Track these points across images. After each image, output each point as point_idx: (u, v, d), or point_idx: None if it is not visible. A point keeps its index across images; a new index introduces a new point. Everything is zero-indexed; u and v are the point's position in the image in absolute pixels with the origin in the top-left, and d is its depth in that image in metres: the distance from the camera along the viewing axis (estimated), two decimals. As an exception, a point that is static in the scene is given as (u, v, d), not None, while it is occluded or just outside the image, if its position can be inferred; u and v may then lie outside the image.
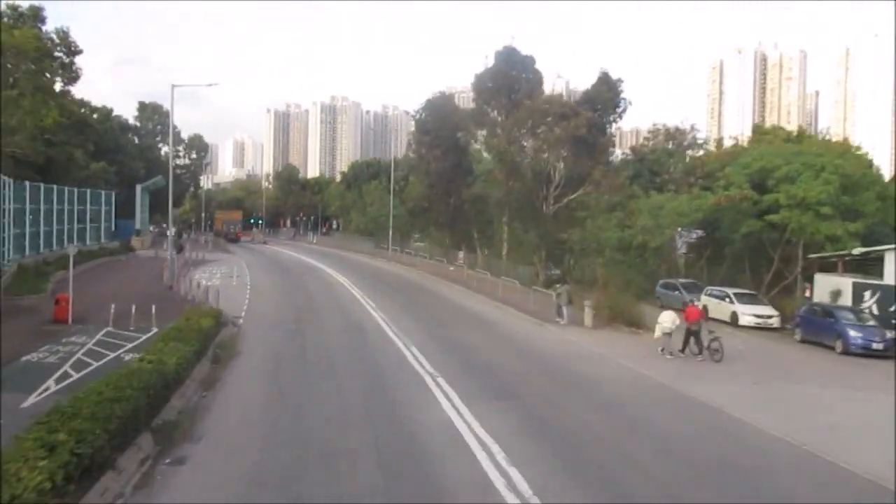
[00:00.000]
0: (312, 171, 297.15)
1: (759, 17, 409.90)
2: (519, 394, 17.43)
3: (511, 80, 43.59)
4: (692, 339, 23.96)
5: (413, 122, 53.39)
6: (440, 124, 49.15)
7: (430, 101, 51.24)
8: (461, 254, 51.14)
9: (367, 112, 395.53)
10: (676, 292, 35.18)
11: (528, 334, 26.75)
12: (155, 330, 24.06)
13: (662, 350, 23.90)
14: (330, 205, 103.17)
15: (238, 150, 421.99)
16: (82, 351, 21.22)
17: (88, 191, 58.32)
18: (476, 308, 33.41)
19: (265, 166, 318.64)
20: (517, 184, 41.39)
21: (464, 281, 43.25)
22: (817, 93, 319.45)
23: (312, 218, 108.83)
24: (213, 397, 16.37)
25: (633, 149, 43.39)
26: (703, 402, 17.53)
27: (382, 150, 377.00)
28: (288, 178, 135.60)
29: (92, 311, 27.81)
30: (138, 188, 69.53)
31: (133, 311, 25.92)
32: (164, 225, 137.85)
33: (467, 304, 34.75)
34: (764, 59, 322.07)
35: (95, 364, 19.47)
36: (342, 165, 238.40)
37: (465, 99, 74.26)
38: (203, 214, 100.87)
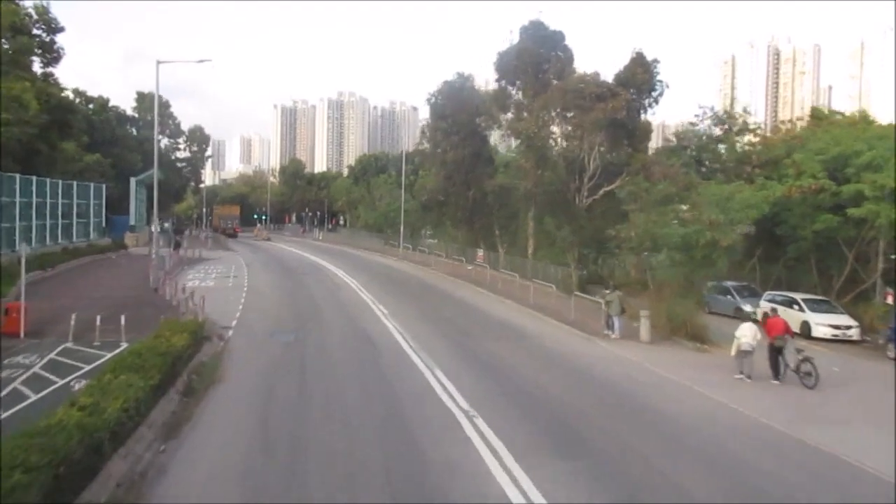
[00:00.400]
0: (319, 167, 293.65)
1: (772, 12, 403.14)
2: (589, 445, 12.89)
3: (538, 58, 38.98)
4: (779, 359, 19.41)
5: (428, 108, 48.59)
6: (458, 108, 44.56)
7: (447, 83, 46.57)
8: (480, 252, 46.58)
9: (375, 108, 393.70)
10: (728, 297, 30.62)
11: (575, 351, 22.19)
12: (124, 345, 19.75)
13: (741, 374, 19.33)
14: (337, 200, 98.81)
15: (245, 146, 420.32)
16: (24, 376, 16.86)
17: (75, 183, 54.05)
18: (507, 316, 28.83)
19: (272, 162, 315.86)
20: (548, 173, 36.71)
21: (486, 283, 38.72)
22: (830, 87, 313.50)
23: (318, 214, 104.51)
24: (174, 451, 11.93)
25: (676, 134, 38.79)
26: (835, 455, 12.97)
27: (390, 146, 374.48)
28: (293, 172, 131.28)
29: (55, 320, 23.50)
30: (133, 181, 65.26)
31: (98, 321, 21.48)
32: (166, 220, 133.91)
33: (495, 312, 30.18)
34: (777, 54, 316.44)
35: (33, 397, 15.10)
36: (349, 161, 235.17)
37: (482, 86, 69.56)
38: (205, 210, 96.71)
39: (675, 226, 23.77)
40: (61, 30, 47.58)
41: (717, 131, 36.94)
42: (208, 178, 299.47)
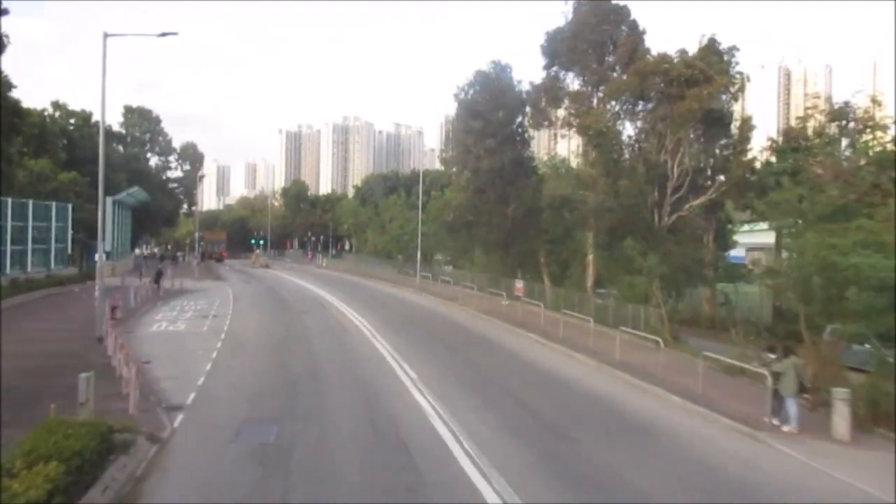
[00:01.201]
0: (324, 191, 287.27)
1: (783, 32, 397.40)
2: None
3: (601, 36, 30.58)
4: None
5: (455, 106, 39.89)
6: (494, 104, 36.15)
7: (480, 73, 37.97)
8: (520, 283, 37.75)
9: (380, 132, 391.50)
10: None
11: (741, 462, 13.21)
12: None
13: None
14: (342, 223, 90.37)
15: (250, 172, 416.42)
16: None
17: (31, 202, 45.60)
18: (598, 388, 19.43)
19: (276, 187, 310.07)
20: (623, 182, 27.85)
21: (538, 325, 29.82)
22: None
23: (322, 238, 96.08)
24: None
25: (786, 132, 30.20)
26: None
27: (396, 171, 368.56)
28: (296, 194, 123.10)
29: None
30: (108, 201, 56.68)
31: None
32: (147, 245, 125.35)
33: (576, 378, 20.94)
34: (788, 75, 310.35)
35: None
36: (356, 183, 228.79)
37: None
38: (197, 235, 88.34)
39: (870, 254, 14.99)
40: (5, 12, 39.36)
41: (832, 129, 28.24)
42: (213, 202, 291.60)
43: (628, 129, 30.00)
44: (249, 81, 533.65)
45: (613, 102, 28.69)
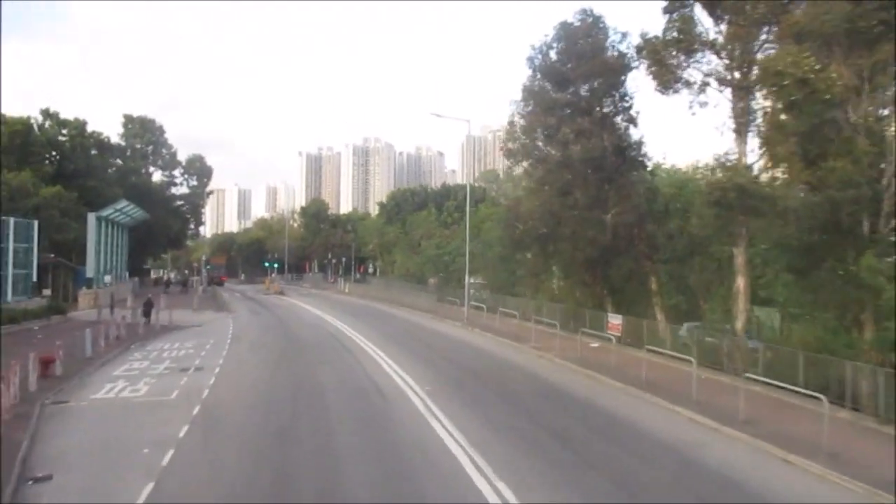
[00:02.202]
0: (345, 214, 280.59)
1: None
2: None
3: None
4: None
5: (529, 72, 29.62)
6: (587, 69, 26.34)
7: (565, 25, 28.13)
8: (616, 319, 27.52)
9: (400, 153, 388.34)
10: None
11: None
12: None
13: None
14: (366, 243, 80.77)
15: (271, 195, 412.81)
16: None
17: (11, 220, 36.54)
18: None
19: (296, 208, 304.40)
20: (839, 163, 17.14)
21: (675, 388, 19.69)
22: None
23: (344, 260, 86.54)
24: None
25: None
26: None
27: (414, 193, 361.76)
28: (315, 213, 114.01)
29: None
30: (91, 218, 47.58)
31: None
32: (171, 270, 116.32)
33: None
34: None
35: None
36: (375, 208, 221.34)
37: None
38: (204, 258, 79.41)
39: None
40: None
41: None
42: (234, 226, 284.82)
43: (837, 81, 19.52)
44: (269, 105, 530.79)
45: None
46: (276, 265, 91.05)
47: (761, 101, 20.36)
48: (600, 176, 27.30)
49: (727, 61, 20.46)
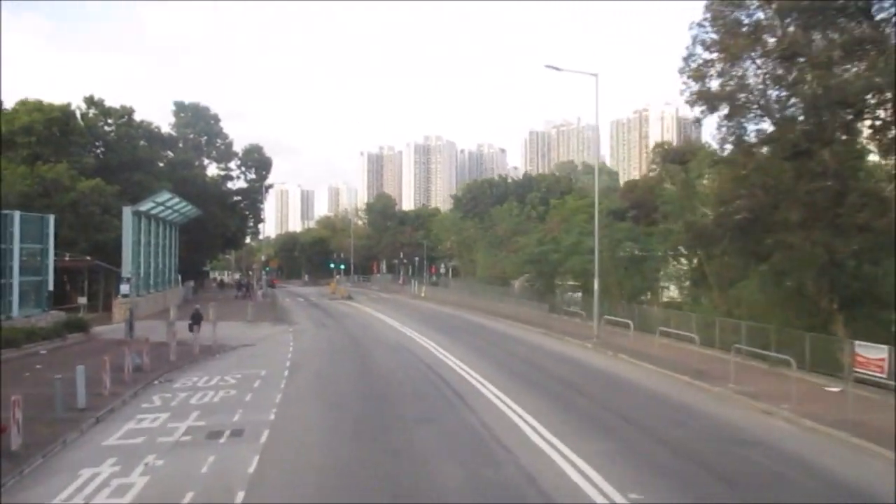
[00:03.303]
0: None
1: None
2: None
3: None
4: None
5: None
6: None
7: None
8: (876, 352, 17.39)
9: (462, 151, 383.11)
10: None
11: None
12: None
13: None
14: (441, 241, 71.68)
15: (333, 195, 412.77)
16: None
17: (16, 214, 28.70)
18: None
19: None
20: None
21: None
22: None
23: (417, 260, 77.81)
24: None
25: None
26: None
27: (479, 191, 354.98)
28: (382, 210, 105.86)
29: None
30: (126, 213, 39.79)
31: None
32: (235, 272, 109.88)
33: None
34: None
35: None
36: (441, 206, 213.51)
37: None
38: (263, 258, 71.92)
39: None
40: None
41: None
42: (297, 228, 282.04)
43: None
44: (330, 107, 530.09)
45: None
46: (342, 266, 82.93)
47: None
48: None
49: None
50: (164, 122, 67.38)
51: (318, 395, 19.58)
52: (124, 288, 22.67)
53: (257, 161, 69.84)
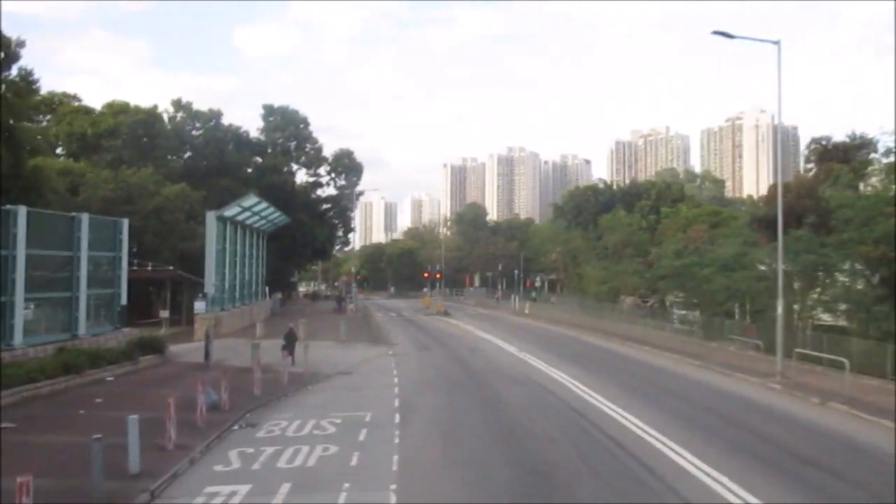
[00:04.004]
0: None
1: None
2: None
3: None
4: None
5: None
6: None
7: None
8: None
9: (545, 162, 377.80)
10: None
11: None
12: None
13: None
14: (545, 252, 65.64)
15: (416, 208, 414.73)
16: None
17: (84, 216, 24.89)
18: None
19: (440, 219, 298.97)
20: None
21: None
22: None
23: (516, 273, 72.12)
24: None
25: None
26: None
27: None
28: (472, 220, 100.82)
29: None
30: (209, 218, 35.95)
31: None
32: (320, 283, 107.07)
33: None
34: None
35: None
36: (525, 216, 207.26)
37: None
38: (353, 269, 67.87)
39: None
40: None
41: None
42: (380, 238, 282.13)
43: None
44: (412, 118, 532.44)
45: None
46: (437, 279, 77.97)
47: None
48: None
49: None
50: (253, 129, 64.49)
51: (447, 462, 14.13)
52: (200, 305, 18.18)
53: (347, 167, 66.02)
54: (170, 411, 14.84)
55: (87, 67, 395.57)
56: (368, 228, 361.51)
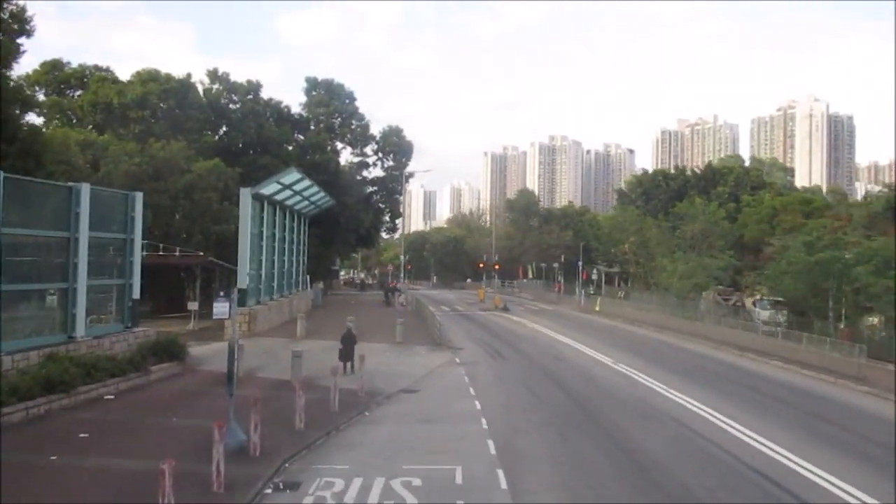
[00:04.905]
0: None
1: None
2: None
3: None
4: None
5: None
6: None
7: None
8: None
9: (588, 151, 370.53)
10: None
11: None
12: None
13: None
14: (617, 243, 59.11)
15: (455, 196, 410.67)
16: None
17: (85, 186, 19.50)
18: None
19: (479, 210, 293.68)
20: None
21: None
22: None
23: (580, 264, 65.81)
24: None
25: None
26: None
27: (605, 192, 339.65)
28: (525, 207, 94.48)
29: None
30: (244, 196, 30.54)
31: None
32: (361, 271, 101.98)
33: None
34: None
35: None
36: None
37: None
38: (403, 258, 62.13)
39: None
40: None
41: None
42: (419, 227, 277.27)
43: None
44: (453, 107, 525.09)
45: None
46: (494, 270, 71.83)
47: None
48: None
49: None
50: (295, 106, 59.16)
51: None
52: (220, 308, 12.57)
53: (396, 146, 60.19)
54: (164, 479, 9.26)
55: (130, 53, 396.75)
56: (407, 217, 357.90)
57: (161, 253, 36.56)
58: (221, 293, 13.94)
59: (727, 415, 17.65)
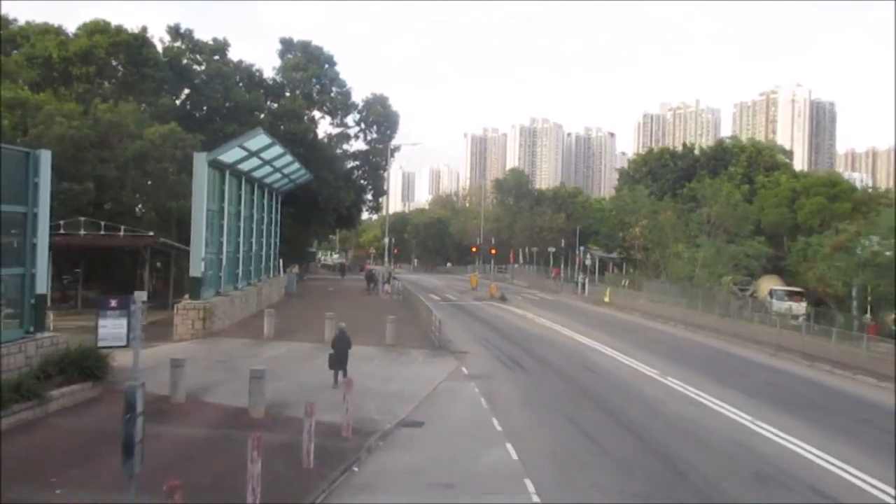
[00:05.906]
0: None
1: None
2: None
3: None
4: None
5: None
6: None
7: None
8: None
9: (569, 134, 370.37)
10: None
11: None
12: None
13: None
14: (629, 226, 53.57)
15: (434, 178, 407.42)
16: None
17: None
18: None
19: (459, 191, 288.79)
20: None
21: None
22: None
23: (582, 249, 60.40)
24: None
25: None
26: None
27: (585, 175, 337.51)
28: (515, 187, 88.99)
29: None
30: (198, 161, 24.57)
31: None
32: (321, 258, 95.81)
33: None
34: None
35: None
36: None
37: None
38: (388, 240, 56.30)
39: None
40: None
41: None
42: (398, 208, 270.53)
43: None
44: (432, 87, 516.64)
45: None
46: (490, 255, 66.15)
47: None
48: None
49: None
50: (269, 69, 52.81)
51: None
52: (108, 326, 6.35)
53: (381, 116, 53.98)
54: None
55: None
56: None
57: (103, 233, 30.55)
58: (113, 302, 8.31)
59: (855, 465, 12.37)
